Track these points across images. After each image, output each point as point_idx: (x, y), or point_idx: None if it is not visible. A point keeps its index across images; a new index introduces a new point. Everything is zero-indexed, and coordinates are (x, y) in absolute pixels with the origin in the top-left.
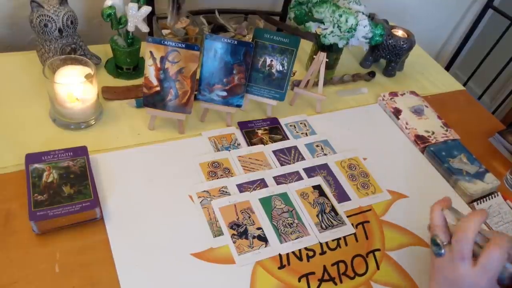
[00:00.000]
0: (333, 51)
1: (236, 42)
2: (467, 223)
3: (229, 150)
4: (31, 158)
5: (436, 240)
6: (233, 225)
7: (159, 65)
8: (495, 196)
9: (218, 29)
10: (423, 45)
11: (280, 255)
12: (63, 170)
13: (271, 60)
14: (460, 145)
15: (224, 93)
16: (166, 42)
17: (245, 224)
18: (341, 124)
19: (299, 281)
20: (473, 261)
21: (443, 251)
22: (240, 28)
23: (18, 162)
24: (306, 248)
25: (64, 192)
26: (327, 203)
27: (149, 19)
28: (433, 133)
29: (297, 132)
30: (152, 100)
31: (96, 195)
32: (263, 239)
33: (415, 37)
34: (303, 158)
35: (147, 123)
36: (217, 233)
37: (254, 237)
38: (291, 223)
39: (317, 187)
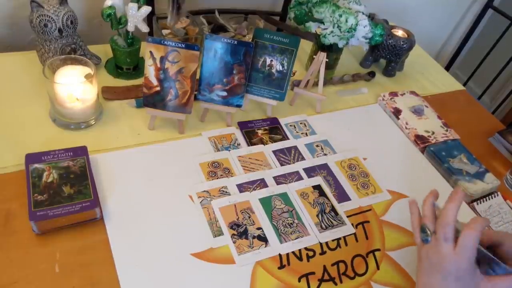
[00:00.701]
0: (333, 51)
1: (236, 42)
2: (446, 210)
3: (229, 150)
4: (31, 158)
5: (425, 228)
6: (233, 225)
7: (159, 65)
8: (495, 196)
9: (218, 29)
10: (423, 45)
11: (280, 255)
12: (63, 170)
13: (271, 60)
14: (460, 145)
15: (224, 93)
16: (166, 42)
17: (245, 224)
18: (341, 124)
19: (299, 281)
20: (454, 244)
21: (429, 237)
22: (240, 28)
23: (18, 162)
24: (306, 248)
25: (64, 192)
26: (327, 203)
27: (149, 19)
28: (433, 133)
29: (297, 132)
30: (152, 100)
31: (96, 195)
32: (263, 239)
33: (415, 37)
34: (303, 158)
35: (147, 123)
36: (217, 233)
37: (254, 237)
38: (291, 223)
39: (317, 187)
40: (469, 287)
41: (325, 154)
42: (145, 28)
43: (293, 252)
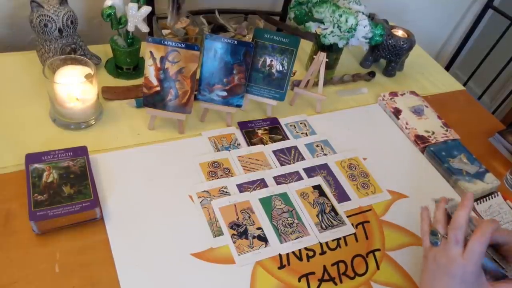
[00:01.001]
0: (333, 51)
1: (236, 42)
2: (457, 215)
3: (229, 150)
4: (31, 158)
5: (436, 231)
6: (233, 225)
7: (159, 65)
8: (495, 196)
9: (218, 29)
10: (423, 45)
11: (280, 255)
12: (63, 170)
13: (271, 60)
14: (460, 145)
15: (224, 93)
16: (166, 42)
17: (245, 224)
18: (341, 124)
19: (299, 281)
20: (463, 248)
21: (439, 241)
22: (240, 28)
23: (18, 162)
24: (306, 248)
25: (64, 192)
26: (327, 203)
27: (149, 19)
28: (433, 133)
29: (297, 132)
30: (152, 100)
31: (96, 195)
32: (263, 239)
33: (415, 37)
34: (303, 158)
35: (147, 123)
36: (217, 233)
37: (254, 237)
38: (291, 223)
39: (317, 187)
40: None
41: (325, 154)
42: (145, 28)
43: (293, 252)
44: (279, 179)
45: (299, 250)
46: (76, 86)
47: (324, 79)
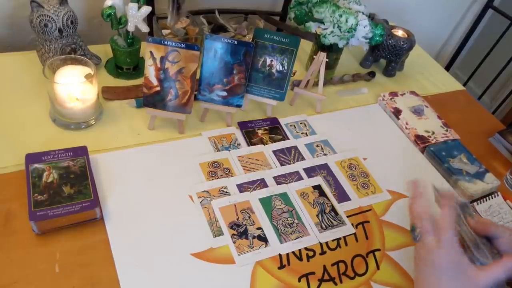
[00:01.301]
0: (333, 51)
1: (236, 42)
2: (413, 208)
3: (229, 150)
4: (31, 158)
5: (414, 226)
6: (233, 225)
7: (159, 65)
8: (495, 196)
9: (218, 29)
10: (423, 45)
11: (280, 255)
12: (63, 170)
13: (271, 60)
14: (460, 145)
15: (224, 93)
16: (166, 42)
17: (245, 224)
18: (341, 124)
19: (299, 281)
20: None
21: (418, 236)
22: (240, 28)
23: (18, 162)
24: (306, 248)
25: (64, 192)
26: (327, 203)
27: (149, 19)
28: (433, 133)
29: (297, 132)
30: (152, 100)
31: (96, 195)
32: (263, 239)
33: (415, 37)
34: (303, 158)
35: (147, 123)
36: (217, 233)
37: (254, 237)
38: (291, 223)
39: (317, 187)
40: (457, 275)
41: (325, 154)
42: (145, 28)
43: (293, 252)
44: (279, 179)
45: (299, 250)
46: (76, 86)
47: (324, 79)
